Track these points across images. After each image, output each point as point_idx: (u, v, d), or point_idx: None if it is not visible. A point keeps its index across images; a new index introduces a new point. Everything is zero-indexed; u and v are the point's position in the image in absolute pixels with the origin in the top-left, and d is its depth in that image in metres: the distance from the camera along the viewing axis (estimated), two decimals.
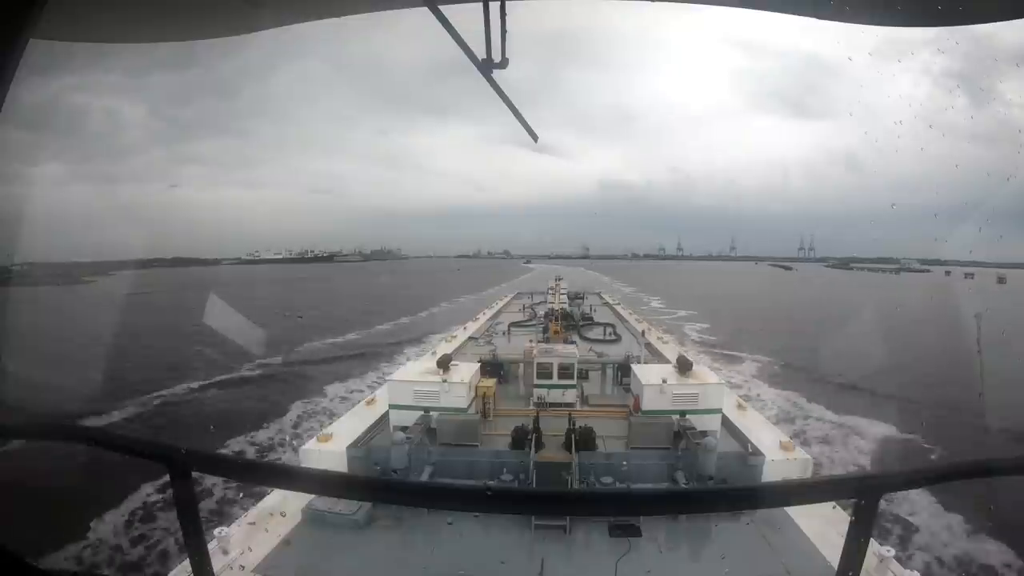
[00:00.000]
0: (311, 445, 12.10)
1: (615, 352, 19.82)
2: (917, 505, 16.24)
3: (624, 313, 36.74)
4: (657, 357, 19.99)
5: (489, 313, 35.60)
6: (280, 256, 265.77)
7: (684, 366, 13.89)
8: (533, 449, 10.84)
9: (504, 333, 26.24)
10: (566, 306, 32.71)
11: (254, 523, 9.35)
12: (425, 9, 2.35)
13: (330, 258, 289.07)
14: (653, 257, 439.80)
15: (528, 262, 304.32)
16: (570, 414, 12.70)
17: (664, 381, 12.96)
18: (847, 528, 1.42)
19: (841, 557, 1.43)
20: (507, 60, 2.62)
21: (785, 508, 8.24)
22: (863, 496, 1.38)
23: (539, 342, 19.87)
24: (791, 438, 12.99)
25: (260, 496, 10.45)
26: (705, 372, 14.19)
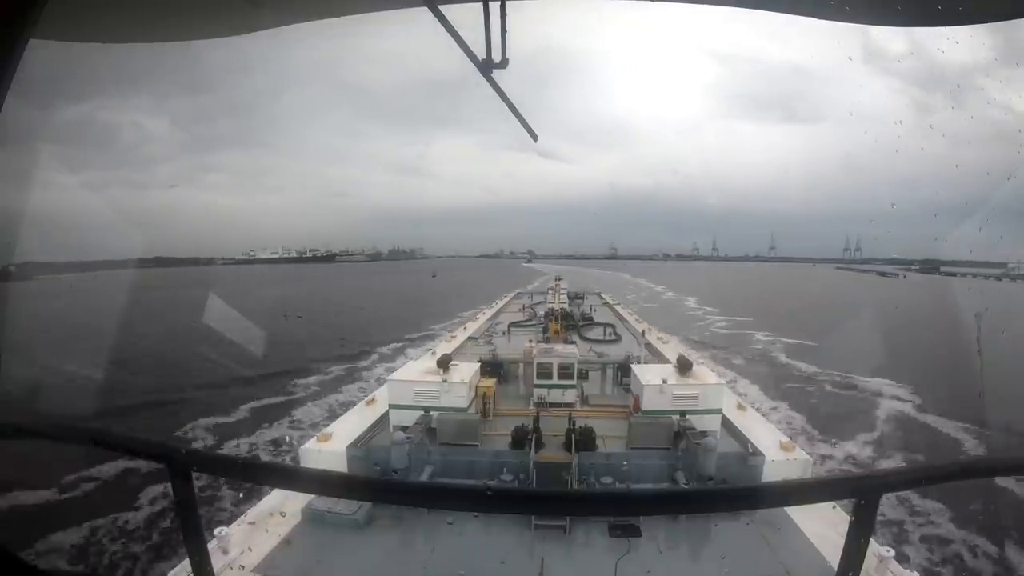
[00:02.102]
0: (311, 445, 12.09)
1: (615, 352, 19.80)
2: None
3: (624, 313, 36.75)
4: (657, 357, 19.98)
5: (489, 313, 35.59)
6: (277, 256, 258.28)
7: (684, 366, 13.89)
8: (533, 449, 10.83)
9: (504, 333, 26.23)
10: (566, 306, 32.71)
11: (254, 523, 9.36)
12: (425, 9, 2.35)
13: (332, 258, 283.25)
14: (687, 258, 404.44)
15: (529, 261, 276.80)
16: (570, 414, 12.70)
17: (664, 381, 12.95)
18: (847, 528, 1.43)
19: (841, 557, 1.44)
20: (507, 60, 2.62)
21: (785, 508, 8.25)
22: (863, 496, 1.38)
23: (539, 342, 19.86)
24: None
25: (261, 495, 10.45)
26: (705, 372, 14.19)
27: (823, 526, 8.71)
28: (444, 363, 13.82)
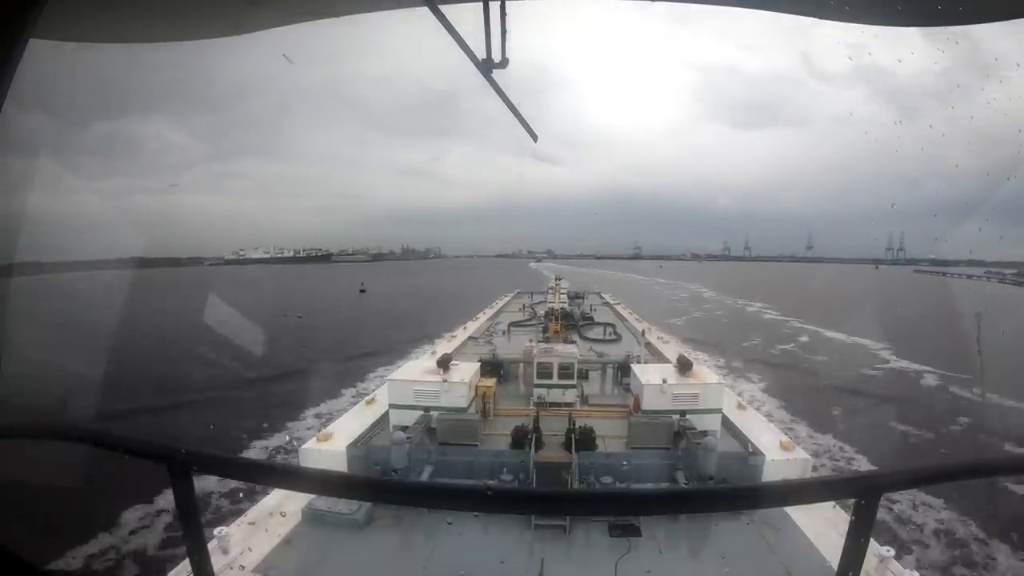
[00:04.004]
0: (311, 445, 12.09)
1: (615, 352, 19.81)
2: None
3: (624, 313, 36.72)
4: (657, 357, 19.98)
5: (489, 313, 35.58)
6: (268, 256, 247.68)
7: (684, 366, 13.89)
8: (533, 449, 10.83)
9: (504, 333, 26.24)
10: (566, 306, 32.69)
11: (254, 523, 9.36)
12: (425, 9, 2.35)
13: (327, 257, 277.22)
14: (718, 258, 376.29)
15: (540, 261, 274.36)
16: (570, 414, 12.69)
17: (664, 381, 12.97)
18: (847, 528, 1.43)
19: (841, 557, 1.44)
20: (507, 60, 2.63)
21: (785, 508, 8.25)
22: (863, 496, 1.38)
23: (539, 342, 19.88)
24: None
25: (261, 495, 10.45)
26: (705, 372, 14.19)
27: (823, 526, 8.72)
28: (444, 363, 13.83)
